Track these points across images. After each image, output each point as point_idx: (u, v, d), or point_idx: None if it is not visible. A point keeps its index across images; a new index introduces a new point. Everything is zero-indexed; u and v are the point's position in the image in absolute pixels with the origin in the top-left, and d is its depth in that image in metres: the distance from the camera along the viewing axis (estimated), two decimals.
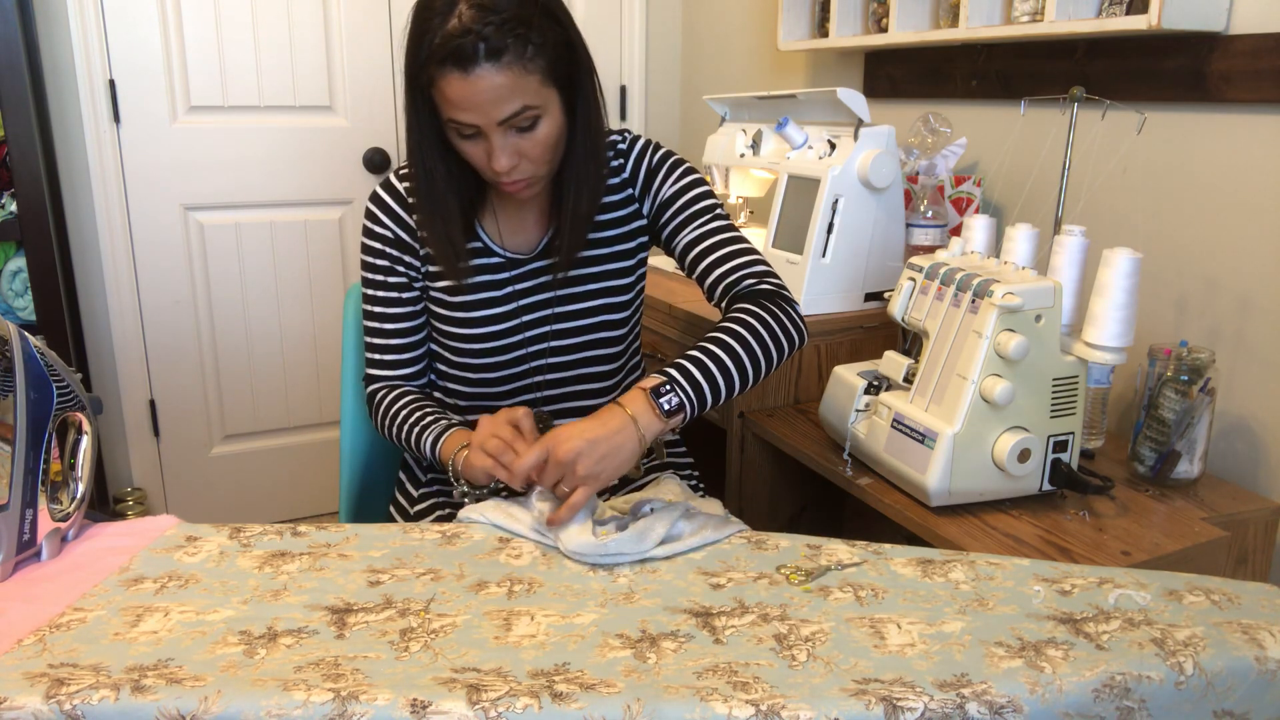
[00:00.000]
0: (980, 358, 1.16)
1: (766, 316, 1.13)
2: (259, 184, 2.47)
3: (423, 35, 1.03)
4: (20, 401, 0.95)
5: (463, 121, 1.06)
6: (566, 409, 1.31)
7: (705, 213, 1.24)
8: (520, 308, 1.25)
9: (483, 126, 1.06)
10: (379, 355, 1.29)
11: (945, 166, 1.72)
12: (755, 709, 0.71)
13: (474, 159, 1.11)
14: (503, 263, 1.25)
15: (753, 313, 1.13)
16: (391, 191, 1.24)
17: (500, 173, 1.09)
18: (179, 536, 1.01)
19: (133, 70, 2.28)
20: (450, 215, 1.18)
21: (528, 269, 1.26)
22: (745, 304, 1.15)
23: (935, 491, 1.19)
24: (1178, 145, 1.47)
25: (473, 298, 1.24)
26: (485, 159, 1.09)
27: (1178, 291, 1.48)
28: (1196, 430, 1.28)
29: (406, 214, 1.23)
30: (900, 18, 1.80)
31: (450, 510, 1.29)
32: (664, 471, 1.34)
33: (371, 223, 1.25)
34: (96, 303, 2.37)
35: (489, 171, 1.11)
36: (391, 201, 1.24)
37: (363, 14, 2.47)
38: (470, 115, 1.05)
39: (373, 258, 1.26)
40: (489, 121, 1.05)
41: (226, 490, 2.61)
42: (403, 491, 1.38)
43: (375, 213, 1.24)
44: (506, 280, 1.25)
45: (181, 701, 0.71)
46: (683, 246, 1.25)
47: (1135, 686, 0.77)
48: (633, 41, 2.79)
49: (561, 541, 0.99)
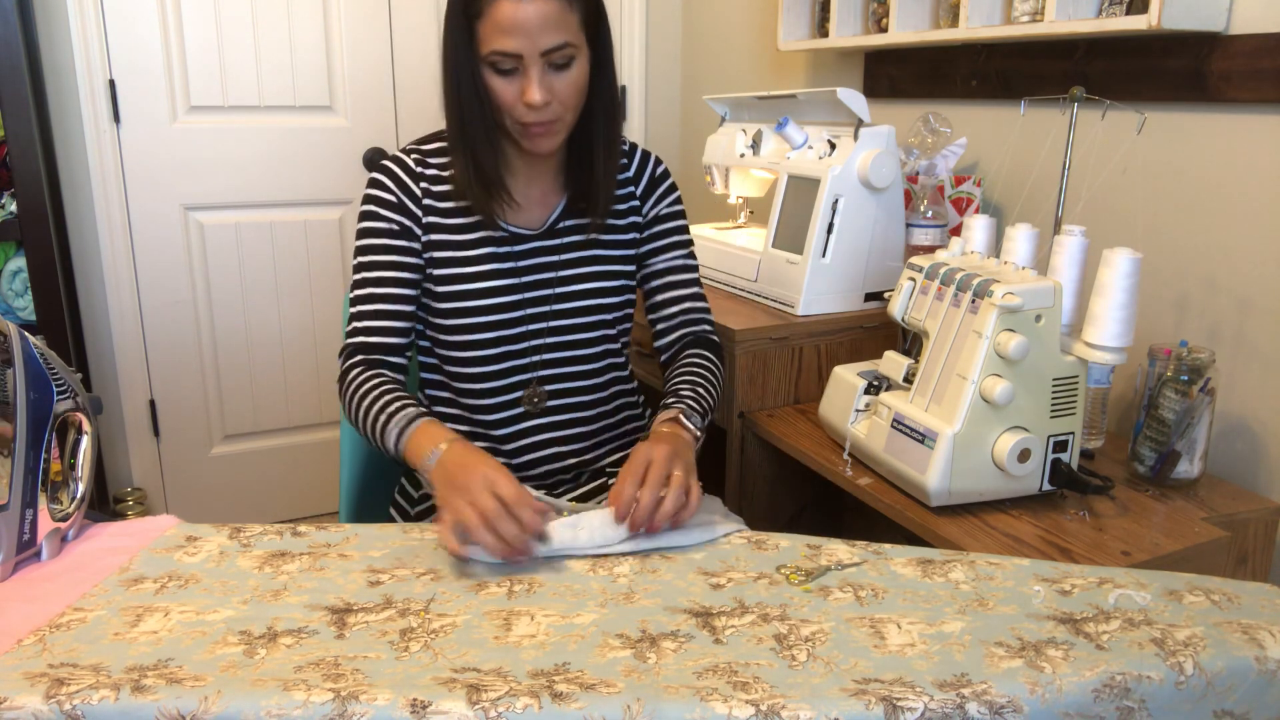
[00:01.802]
0: (980, 358, 1.16)
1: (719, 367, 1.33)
2: (259, 184, 2.47)
3: None
4: (20, 401, 0.95)
5: (507, 50, 1.09)
6: (560, 389, 1.30)
7: (685, 245, 1.37)
8: (523, 284, 1.26)
9: (525, 56, 1.09)
10: (365, 321, 1.23)
11: (945, 166, 1.72)
12: (755, 709, 0.71)
13: (505, 97, 1.13)
14: (507, 237, 1.26)
15: (714, 361, 1.33)
16: (398, 162, 1.25)
17: (533, 105, 1.12)
18: (179, 536, 1.01)
19: (133, 70, 2.28)
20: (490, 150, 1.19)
21: (532, 246, 1.27)
22: (705, 351, 1.33)
23: (935, 491, 1.19)
24: (1178, 145, 1.47)
25: (478, 270, 1.25)
26: (517, 96, 1.13)
27: (1178, 291, 1.49)
28: (1196, 430, 1.28)
29: (413, 182, 1.23)
30: (900, 18, 1.80)
31: None
32: None
33: (375, 189, 1.24)
34: (96, 303, 2.37)
35: (519, 109, 1.13)
36: (399, 170, 1.24)
37: (363, 14, 2.47)
38: (516, 42, 1.08)
39: (370, 221, 1.24)
40: (533, 50, 1.09)
41: (226, 490, 2.61)
42: (403, 493, 1.38)
43: (380, 179, 1.24)
44: (510, 255, 1.26)
45: (181, 701, 0.71)
46: (658, 267, 1.35)
47: (1135, 686, 0.77)
48: (633, 41, 2.79)
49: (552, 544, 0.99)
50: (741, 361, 1.59)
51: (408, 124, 2.58)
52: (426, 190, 1.24)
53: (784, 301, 1.69)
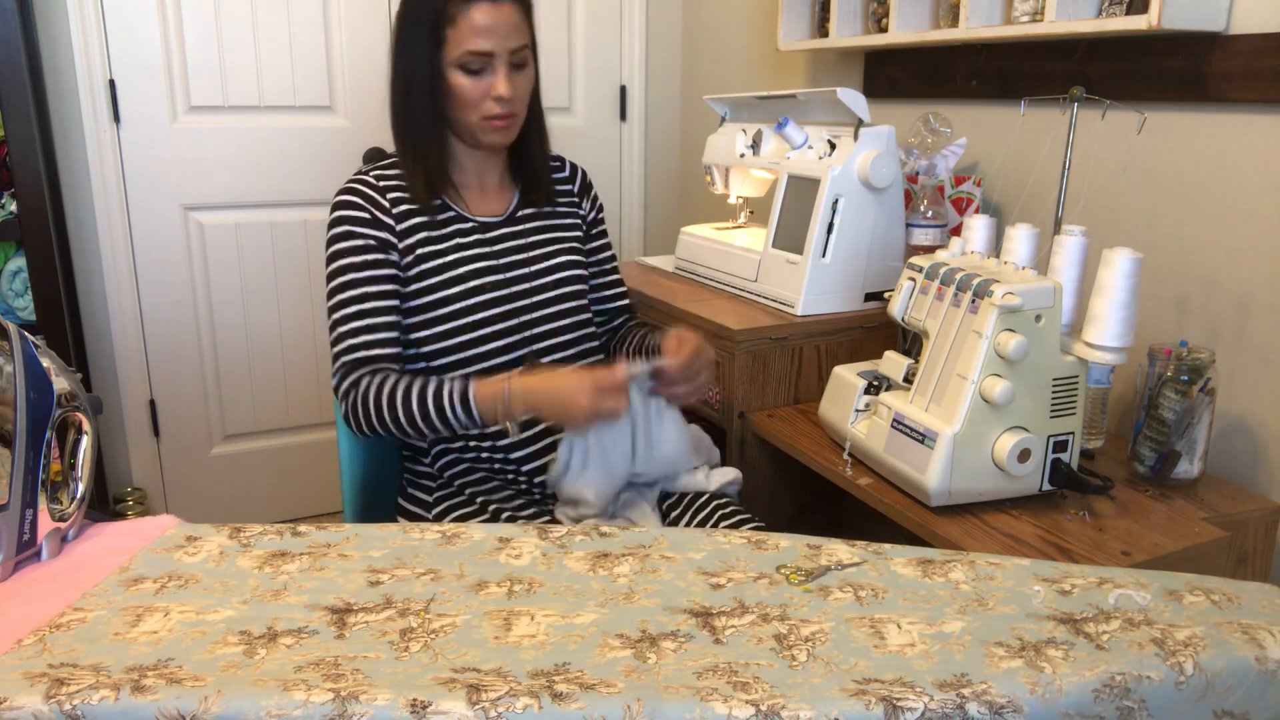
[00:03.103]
0: (980, 358, 1.16)
1: None
2: (259, 184, 2.47)
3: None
4: (20, 401, 0.95)
5: (481, 50, 1.23)
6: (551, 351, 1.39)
7: (607, 238, 1.55)
8: (501, 266, 1.35)
9: (496, 54, 1.24)
10: (354, 338, 1.27)
11: (945, 166, 1.72)
12: (755, 709, 0.71)
13: (473, 95, 1.26)
14: (476, 226, 1.36)
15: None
16: (361, 182, 1.32)
17: (503, 97, 1.26)
18: (179, 536, 1.01)
19: (133, 70, 2.28)
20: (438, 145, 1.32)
21: (501, 232, 1.38)
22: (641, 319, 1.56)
23: (935, 491, 1.19)
24: (1178, 145, 1.47)
25: (459, 258, 1.33)
26: (485, 92, 1.26)
27: (1178, 291, 1.49)
28: (1196, 430, 1.28)
29: (380, 196, 1.31)
30: (900, 18, 1.80)
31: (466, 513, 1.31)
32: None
33: (345, 210, 1.30)
34: (96, 303, 2.37)
35: (486, 104, 1.27)
36: (364, 188, 1.31)
37: (363, 14, 2.47)
38: (489, 42, 1.23)
39: (346, 241, 1.29)
40: (503, 49, 1.24)
41: (226, 490, 2.61)
42: (414, 500, 1.38)
43: (348, 199, 1.31)
44: (483, 242, 1.36)
45: (181, 701, 0.71)
46: (596, 259, 1.51)
47: (1135, 687, 0.77)
48: (633, 41, 2.79)
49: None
50: (741, 361, 1.59)
51: None
52: (395, 200, 1.31)
53: (784, 301, 1.69)
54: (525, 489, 1.36)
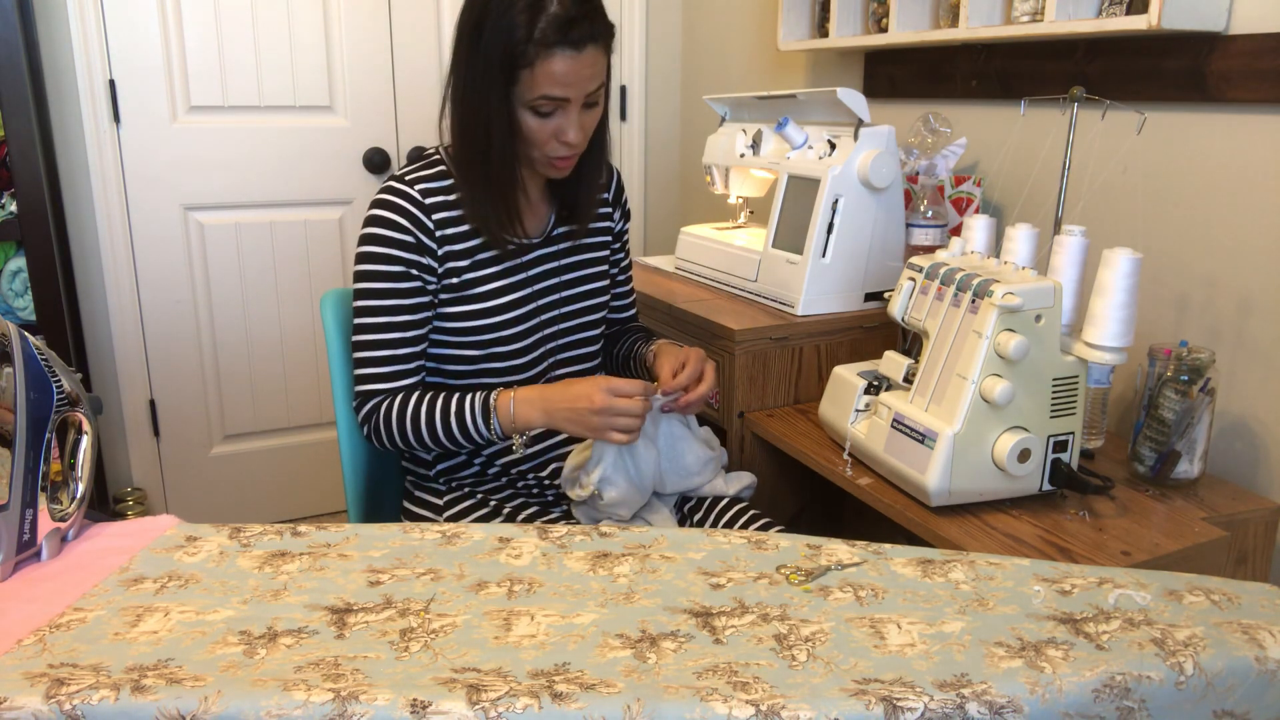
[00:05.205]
0: (980, 358, 1.16)
1: None
2: (259, 184, 2.47)
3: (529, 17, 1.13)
4: (20, 401, 0.95)
5: (557, 97, 1.16)
6: (568, 372, 1.40)
7: (628, 248, 1.53)
8: (534, 290, 1.34)
9: (573, 100, 1.18)
10: (378, 369, 1.26)
11: (945, 166, 1.72)
12: (755, 709, 0.71)
13: (539, 135, 1.20)
14: (515, 249, 1.32)
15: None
16: (407, 197, 1.24)
17: (573, 144, 1.21)
18: (179, 536, 1.01)
19: (133, 70, 2.28)
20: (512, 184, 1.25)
21: (536, 255, 1.35)
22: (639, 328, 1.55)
23: (935, 491, 1.19)
24: (1178, 145, 1.47)
25: (498, 286, 1.30)
26: (551, 134, 1.20)
27: (1178, 291, 1.48)
28: (1196, 430, 1.28)
29: (425, 216, 1.24)
30: (900, 18, 1.80)
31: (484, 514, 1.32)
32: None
33: (387, 229, 1.23)
34: (96, 303, 2.37)
35: (553, 145, 1.21)
36: (410, 206, 1.24)
37: (363, 14, 2.47)
38: (568, 90, 1.16)
39: (383, 265, 1.23)
40: (580, 96, 1.18)
41: (226, 490, 2.61)
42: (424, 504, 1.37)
43: (392, 219, 1.23)
44: (520, 266, 1.33)
45: (181, 702, 0.71)
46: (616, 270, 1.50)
47: (1135, 686, 0.77)
48: (633, 41, 2.79)
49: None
50: (741, 361, 1.59)
51: (408, 124, 2.58)
52: (440, 222, 1.26)
53: (784, 301, 1.69)
54: (536, 494, 1.36)
